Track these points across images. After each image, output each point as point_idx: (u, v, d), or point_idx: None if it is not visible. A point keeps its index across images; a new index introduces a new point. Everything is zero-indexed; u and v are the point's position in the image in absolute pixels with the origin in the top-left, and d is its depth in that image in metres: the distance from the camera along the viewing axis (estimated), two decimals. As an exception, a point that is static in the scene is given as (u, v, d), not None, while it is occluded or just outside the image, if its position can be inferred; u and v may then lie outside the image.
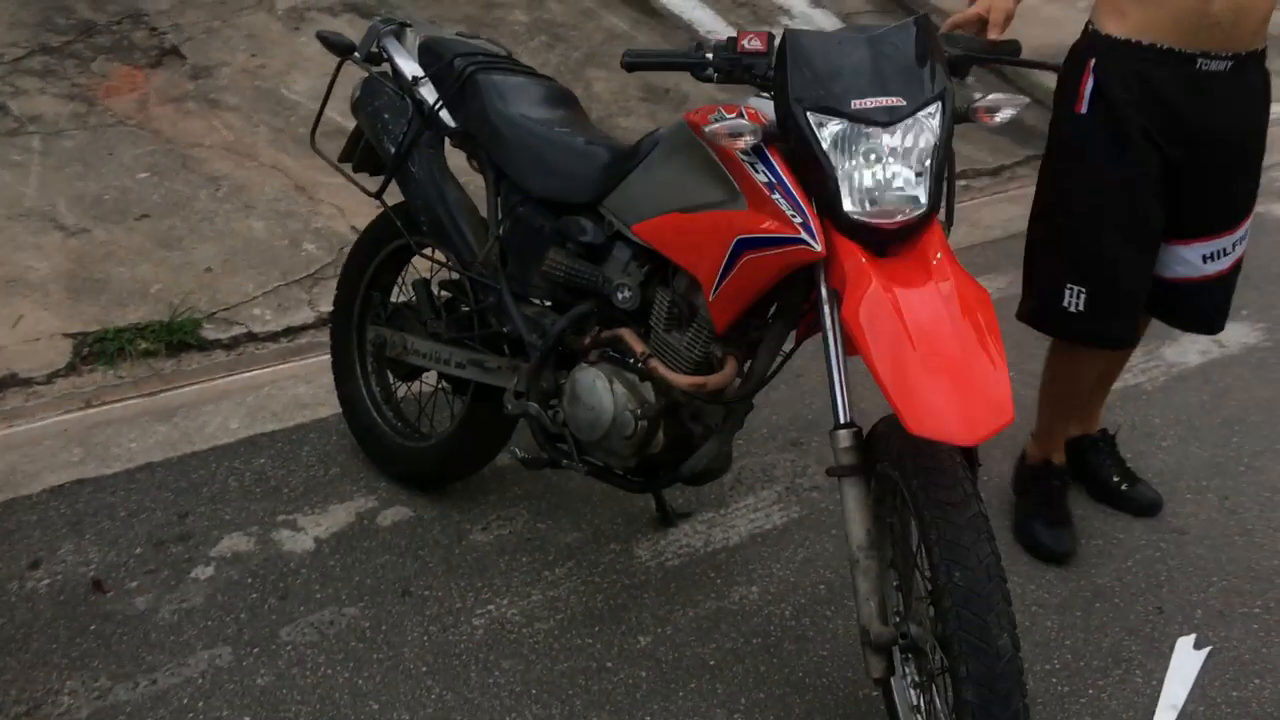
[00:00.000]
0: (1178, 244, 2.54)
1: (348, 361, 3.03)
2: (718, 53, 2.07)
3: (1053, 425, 2.79)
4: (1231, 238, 2.57)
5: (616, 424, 2.29)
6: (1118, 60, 2.41)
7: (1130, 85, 2.40)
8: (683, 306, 2.25)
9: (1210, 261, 2.57)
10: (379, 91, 2.72)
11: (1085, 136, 2.47)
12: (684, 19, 5.83)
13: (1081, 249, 2.50)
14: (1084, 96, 2.44)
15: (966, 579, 1.68)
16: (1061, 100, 2.52)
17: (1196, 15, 2.30)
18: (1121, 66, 2.40)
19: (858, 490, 1.97)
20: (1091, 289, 2.49)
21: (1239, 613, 2.61)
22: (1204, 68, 2.36)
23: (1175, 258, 2.56)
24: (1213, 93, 2.39)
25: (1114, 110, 2.41)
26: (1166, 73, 2.38)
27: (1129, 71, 2.40)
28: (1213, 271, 2.58)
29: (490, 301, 2.55)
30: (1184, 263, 2.57)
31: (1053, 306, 2.54)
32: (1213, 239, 2.55)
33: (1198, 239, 2.54)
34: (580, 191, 2.39)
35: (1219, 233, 2.55)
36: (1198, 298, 2.63)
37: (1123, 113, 2.41)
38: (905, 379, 1.73)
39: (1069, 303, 2.51)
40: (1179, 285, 2.59)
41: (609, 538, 2.79)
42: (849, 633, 2.51)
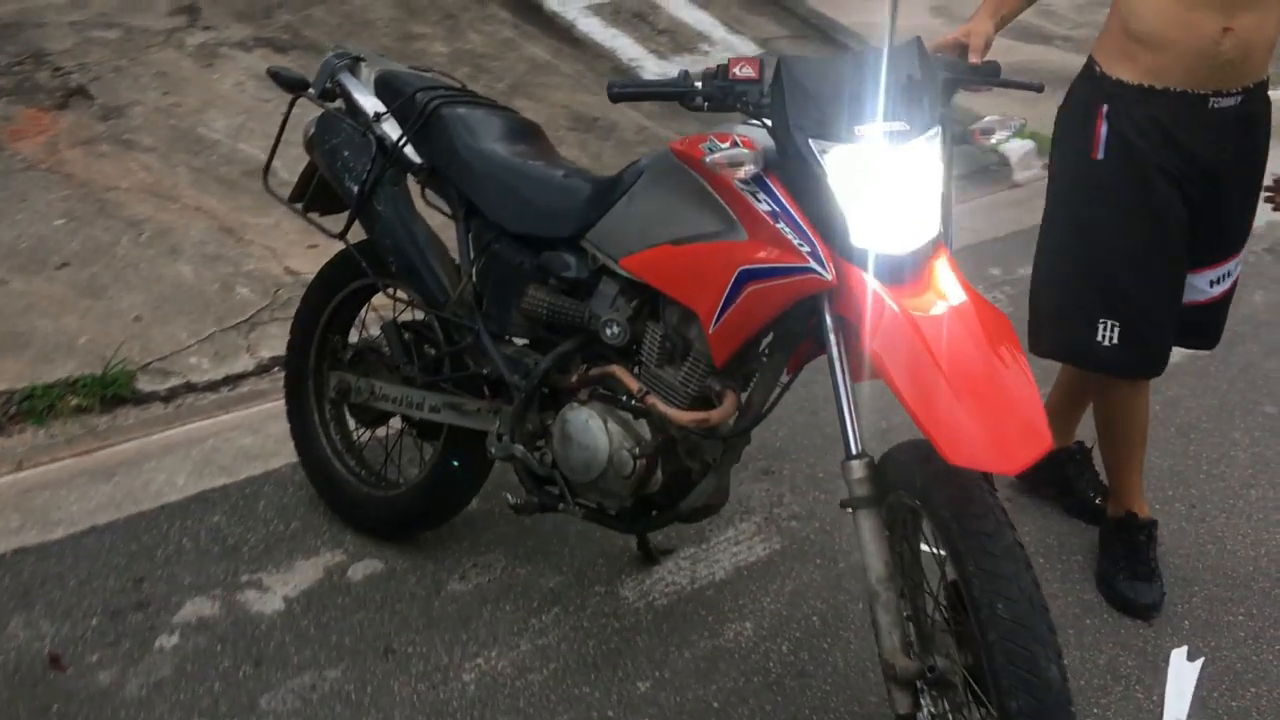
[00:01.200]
0: (1191, 273, 2.56)
1: (304, 409, 2.90)
2: (707, 81, 2.02)
3: (1122, 475, 2.74)
4: (1236, 261, 2.60)
5: (613, 464, 2.22)
6: (1130, 106, 2.40)
7: (1145, 129, 2.40)
8: (676, 340, 2.19)
9: (1216, 285, 2.60)
10: (336, 128, 2.62)
11: (1105, 181, 2.46)
12: (605, 47, 5.80)
13: (1114, 285, 2.48)
14: (1099, 143, 2.43)
15: (1011, 610, 1.64)
16: (1072, 147, 2.51)
17: (1208, 57, 2.30)
18: (1135, 111, 2.40)
19: (874, 522, 1.93)
20: (1125, 322, 2.49)
21: (1224, 621, 2.63)
22: (1215, 105, 2.37)
23: (1188, 286, 2.57)
24: (1224, 128, 2.40)
25: (1133, 154, 2.41)
26: (1181, 115, 2.38)
27: (1143, 116, 2.40)
28: (1218, 293, 2.62)
29: (467, 342, 2.46)
30: (1194, 290, 2.58)
31: (1084, 340, 2.52)
32: (1222, 264, 2.57)
33: (1208, 266, 2.56)
34: (561, 226, 2.32)
35: (1227, 257, 2.58)
36: (1204, 318, 2.65)
37: (1142, 156, 2.41)
38: (937, 407, 1.69)
39: (1102, 336, 2.50)
40: (1187, 309, 2.59)
41: (592, 580, 2.70)
42: (849, 666, 2.47)
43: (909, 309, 1.81)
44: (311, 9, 5.79)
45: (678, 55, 5.81)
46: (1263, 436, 3.35)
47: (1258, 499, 3.07)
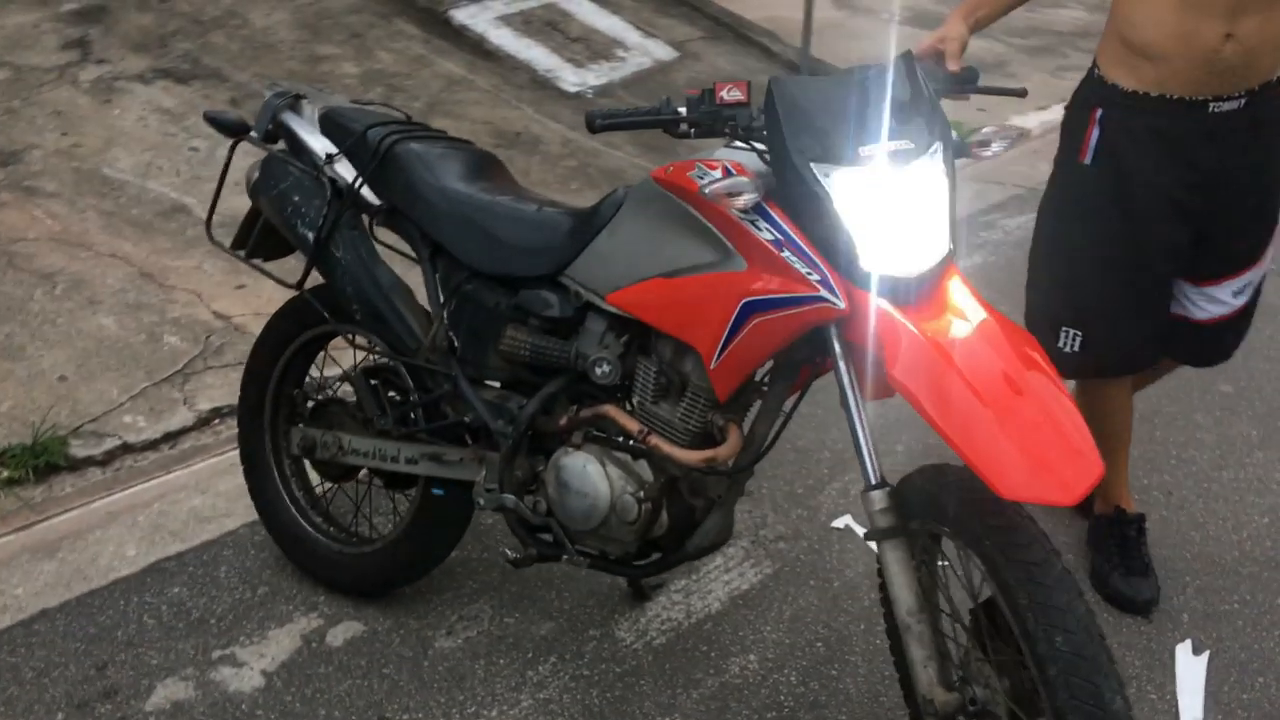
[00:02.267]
0: (1210, 285, 2.50)
1: (263, 468, 2.75)
2: (692, 107, 1.94)
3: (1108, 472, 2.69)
4: (1260, 269, 2.53)
5: (616, 510, 2.12)
6: (1127, 114, 2.35)
7: (1140, 141, 2.34)
8: (671, 376, 2.10)
9: (1239, 295, 2.53)
10: (283, 172, 2.47)
11: (1087, 187, 2.42)
12: (520, 59, 5.69)
13: (1080, 295, 2.45)
14: (1089, 147, 2.39)
15: (1070, 643, 1.59)
16: (1066, 146, 2.47)
17: (1207, 64, 2.24)
18: (1131, 121, 2.35)
19: (900, 552, 1.87)
20: (1087, 334, 2.46)
21: (1221, 610, 2.64)
22: (1216, 110, 2.30)
23: (1207, 298, 2.52)
24: (1227, 134, 2.33)
25: (1119, 164, 2.36)
26: (1179, 122, 2.32)
27: (1140, 125, 2.34)
28: (1240, 305, 2.55)
29: (444, 389, 2.34)
30: (1216, 301, 2.52)
31: (1048, 347, 2.45)
32: (1242, 274, 2.51)
33: (1228, 277, 2.50)
34: (538, 263, 2.22)
35: (1248, 266, 2.51)
36: (1227, 331, 2.59)
37: (1130, 170, 2.36)
38: (980, 438, 1.62)
39: (1064, 343, 2.47)
40: (1212, 325, 2.55)
41: (585, 624, 2.60)
42: (861, 692, 2.41)
43: (931, 333, 1.75)
44: (209, 35, 5.56)
45: (594, 63, 5.72)
46: (1224, 416, 3.39)
47: (1230, 480, 3.09)
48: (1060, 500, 1.62)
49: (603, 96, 5.52)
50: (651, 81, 5.66)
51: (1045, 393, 1.70)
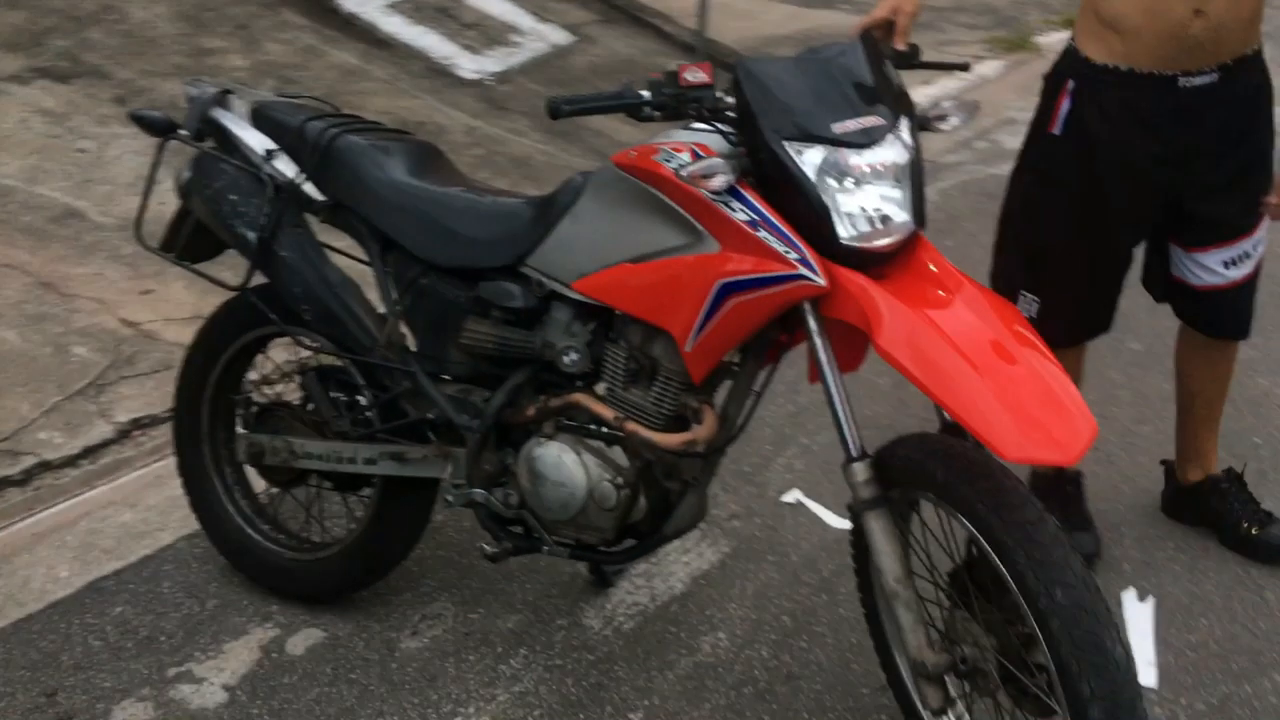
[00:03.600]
0: (1197, 251, 2.54)
1: (204, 478, 2.67)
2: (656, 90, 1.93)
3: None
4: (1251, 240, 2.54)
5: (595, 497, 2.11)
6: (1097, 86, 2.39)
7: (1110, 116, 2.38)
8: (641, 361, 2.10)
9: (1233, 267, 2.55)
10: (217, 170, 2.38)
11: (1055, 157, 2.46)
12: (414, 47, 5.59)
13: (1041, 262, 2.50)
14: (1058, 117, 2.43)
15: (1070, 596, 1.64)
16: (1037, 116, 2.51)
17: (1175, 40, 2.28)
18: (1101, 93, 2.39)
19: (884, 522, 1.90)
20: (1045, 299, 2.51)
21: (1159, 558, 2.76)
22: (1185, 85, 2.33)
23: (1199, 265, 2.56)
24: (1196, 109, 2.36)
25: (1086, 136, 2.40)
26: (1148, 96, 2.35)
27: (1110, 98, 2.38)
28: (1238, 277, 2.56)
29: (404, 387, 2.29)
30: (1209, 271, 2.55)
31: None
32: (1231, 244, 2.52)
33: (1215, 245, 2.52)
34: (497, 254, 2.19)
35: (1236, 238, 2.52)
36: (1228, 304, 2.60)
37: (1097, 143, 2.39)
38: (977, 403, 1.66)
39: (1022, 309, 2.51)
40: (1210, 294, 2.58)
41: (552, 614, 2.59)
42: (832, 661, 2.45)
43: (914, 302, 1.78)
44: (86, 31, 5.33)
45: (491, 50, 5.66)
46: (1137, 373, 3.53)
47: (1151, 434, 3.23)
48: (1059, 459, 1.66)
49: (503, 83, 5.47)
50: (551, 67, 5.63)
51: (1032, 356, 1.75)
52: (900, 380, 3.26)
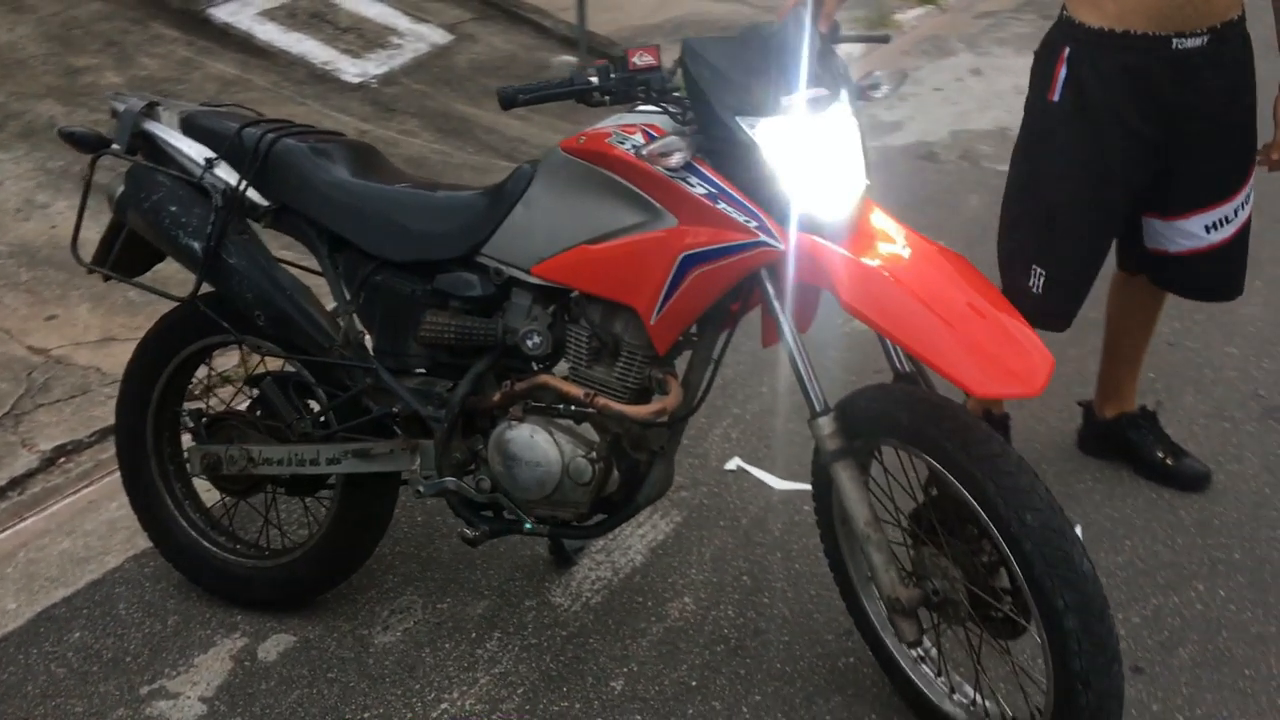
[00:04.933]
0: (1178, 219, 2.59)
1: (153, 495, 2.64)
2: (604, 75, 2.00)
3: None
4: (1232, 204, 2.58)
5: (570, 473, 2.17)
6: (1094, 50, 2.45)
7: (1107, 77, 2.45)
8: (604, 338, 2.17)
9: (1214, 230, 2.59)
10: (153, 183, 2.36)
11: (1056, 123, 2.52)
12: (294, 54, 5.53)
13: (1048, 232, 2.56)
14: (1056, 84, 2.49)
15: (1039, 519, 1.77)
16: (1035, 86, 2.58)
17: (1168, 1, 2.33)
18: (1098, 57, 2.45)
19: (852, 471, 2.01)
20: (1050, 272, 2.58)
21: (1079, 489, 2.94)
22: (1179, 46, 2.38)
23: (1179, 232, 2.61)
24: (1191, 69, 2.41)
25: (1086, 99, 2.47)
26: (1144, 57, 2.40)
27: (1107, 61, 2.44)
28: (1219, 240, 2.60)
29: (366, 384, 2.32)
30: (1188, 235, 2.60)
31: (1019, 286, 2.60)
32: (1212, 209, 2.57)
33: (1196, 211, 2.57)
34: (452, 246, 2.23)
35: (1217, 202, 2.57)
36: (1207, 267, 2.65)
37: (1096, 105, 2.46)
38: (943, 347, 1.77)
39: (1032, 284, 2.59)
40: (1186, 258, 2.63)
41: (519, 596, 2.64)
42: (795, 613, 2.56)
43: (871, 259, 1.89)
44: (-54, 55, 5.13)
45: (371, 52, 5.63)
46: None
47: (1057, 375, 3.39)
48: (1023, 392, 1.79)
49: (387, 85, 5.45)
50: (434, 66, 5.62)
51: (986, 299, 1.87)
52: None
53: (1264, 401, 3.28)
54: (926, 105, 6.08)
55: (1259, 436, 3.11)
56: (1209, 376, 3.40)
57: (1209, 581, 2.59)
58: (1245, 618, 2.48)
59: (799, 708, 2.31)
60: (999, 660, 2.20)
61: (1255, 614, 2.50)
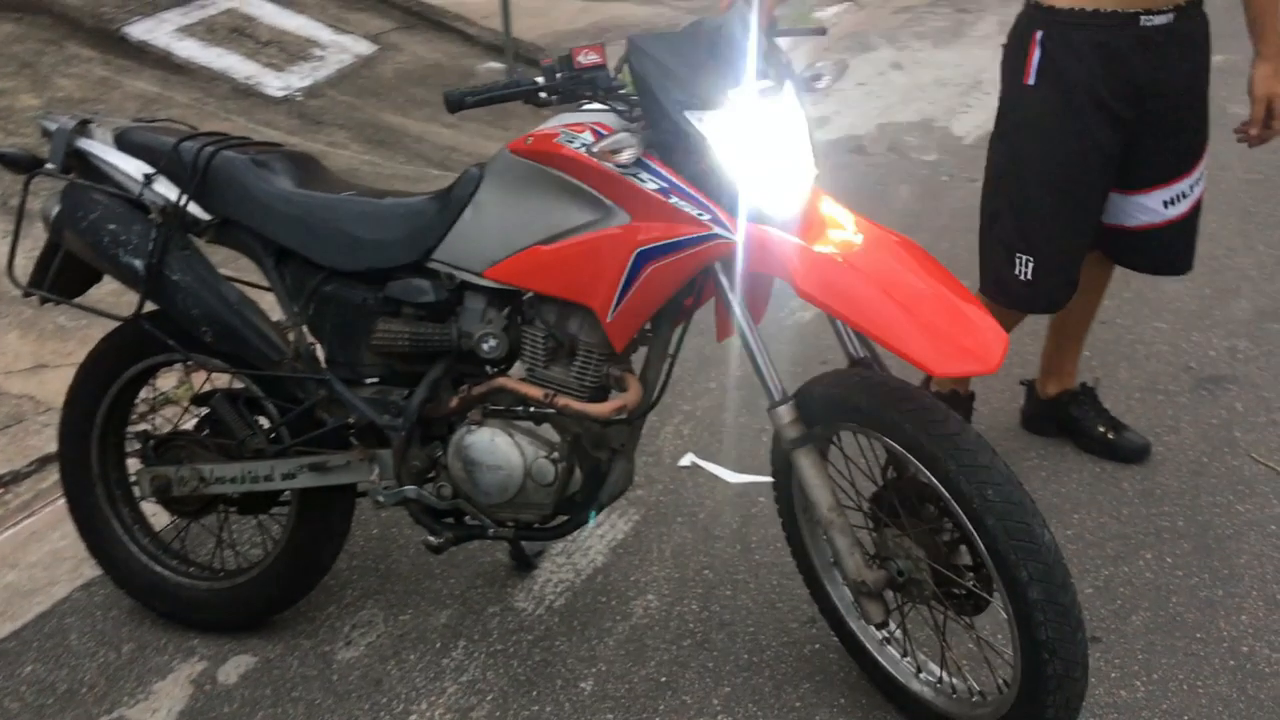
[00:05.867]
0: (1138, 194, 2.66)
1: (101, 522, 2.59)
2: (549, 75, 2.01)
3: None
4: (1189, 180, 2.66)
5: (533, 474, 2.17)
6: (1065, 31, 2.51)
7: (1081, 54, 2.50)
8: (560, 338, 2.17)
9: (1171, 206, 2.66)
10: (90, 201, 2.32)
11: (1034, 108, 2.56)
12: (215, 69, 5.45)
13: (1032, 217, 2.60)
14: (1031, 69, 2.54)
15: (1000, 494, 1.80)
16: (1008, 75, 2.62)
17: None
18: (1070, 37, 2.50)
19: (812, 457, 2.04)
20: (1039, 257, 2.62)
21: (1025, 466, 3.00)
22: (1147, 24, 2.45)
23: (1137, 207, 2.67)
24: (1158, 47, 2.48)
25: (1062, 80, 2.52)
26: (1114, 35, 2.46)
27: (1079, 41, 2.50)
28: (1175, 215, 2.68)
29: (320, 395, 2.29)
30: (1146, 210, 2.67)
31: (1004, 276, 2.63)
32: (1171, 184, 2.65)
33: (1156, 186, 2.64)
34: (402, 253, 2.21)
35: (1176, 178, 2.64)
36: (1163, 241, 2.72)
37: (1072, 82, 2.51)
38: (900, 329, 1.80)
39: (1019, 271, 2.63)
40: (1144, 232, 2.70)
41: (481, 603, 2.63)
42: (758, 604, 2.58)
43: (824, 246, 1.92)
44: None
45: (294, 65, 5.56)
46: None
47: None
48: (980, 369, 1.82)
49: (312, 98, 5.38)
50: (359, 77, 5.57)
51: (937, 279, 1.90)
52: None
53: (1195, 373, 3.37)
54: (851, 100, 6.17)
55: (1192, 407, 3.20)
56: (1141, 352, 3.49)
57: (1156, 550, 2.66)
58: (1193, 583, 2.56)
59: (769, 696, 2.33)
60: (963, 637, 2.24)
61: (1202, 579, 2.57)
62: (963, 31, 7.47)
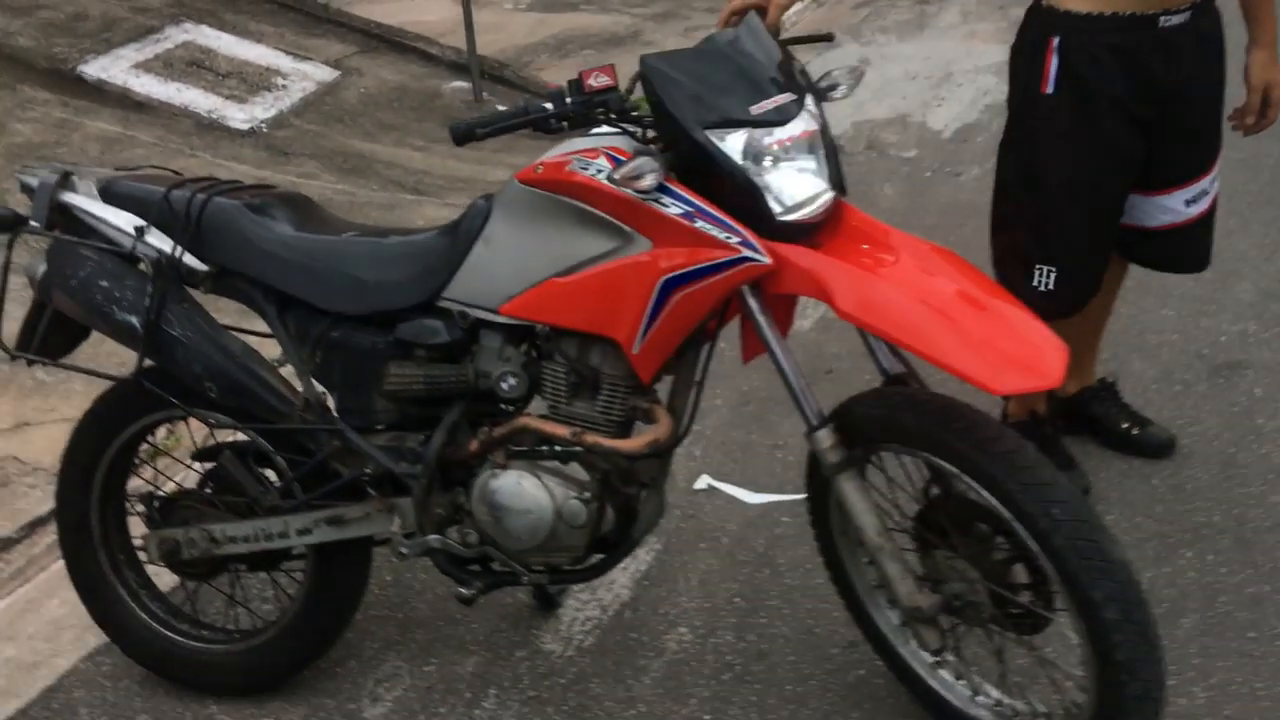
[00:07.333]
0: (1160, 194, 2.60)
1: (106, 589, 2.49)
2: (558, 101, 1.92)
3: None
4: (1209, 178, 2.62)
5: (564, 516, 2.08)
6: (1083, 36, 2.43)
7: (1100, 59, 2.43)
8: (583, 372, 2.08)
9: (1192, 204, 2.62)
10: (79, 259, 2.21)
11: (1054, 116, 2.49)
12: (177, 105, 5.32)
13: (1054, 228, 2.53)
14: (1049, 77, 2.46)
15: (1067, 511, 1.73)
16: (1022, 82, 2.54)
17: None
18: (1088, 42, 2.43)
19: (855, 482, 1.96)
20: (1061, 267, 2.55)
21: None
22: (1165, 24, 2.40)
23: (1159, 208, 2.61)
24: (1176, 46, 2.43)
25: (1083, 87, 2.44)
26: (1133, 38, 2.41)
27: (1097, 45, 2.43)
28: (1195, 213, 2.63)
29: (333, 446, 2.19)
30: (1168, 210, 2.61)
31: (1021, 288, 2.54)
32: (1193, 183, 2.59)
33: (1178, 186, 2.59)
34: (411, 293, 2.12)
35: (1198, 176, 2.60)
36: (1184, 239, 2.67)
37: (1092, 89, 2.44)
38: (954, 346, 1.72)
39: (1039, 282, 2.56)
40: (1165, 232, 2.64)
41: (508, 647, 2.53)
42: (795, 630, 2.50)
43: (860, 262, 1.84)
44: None
45: (257, 96, 5.44)
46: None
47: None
48: (1043, 384, 1.75)
49: (278, 129, 5.26)
50: (324, 104, 5.46)
51: (985, 292, 1.83)
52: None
53: (1209, 360, 3.33)
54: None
55: (1211, 396, 3.16)
56: (1152, 341, 3.44)
57: (1195, 548, 2.61)
58: (1238, 579, 2.50)
59: (819, 729, 2.25)
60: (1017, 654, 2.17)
61: (1247, 575, 2.52)
62: (926, 23, 7.43)
